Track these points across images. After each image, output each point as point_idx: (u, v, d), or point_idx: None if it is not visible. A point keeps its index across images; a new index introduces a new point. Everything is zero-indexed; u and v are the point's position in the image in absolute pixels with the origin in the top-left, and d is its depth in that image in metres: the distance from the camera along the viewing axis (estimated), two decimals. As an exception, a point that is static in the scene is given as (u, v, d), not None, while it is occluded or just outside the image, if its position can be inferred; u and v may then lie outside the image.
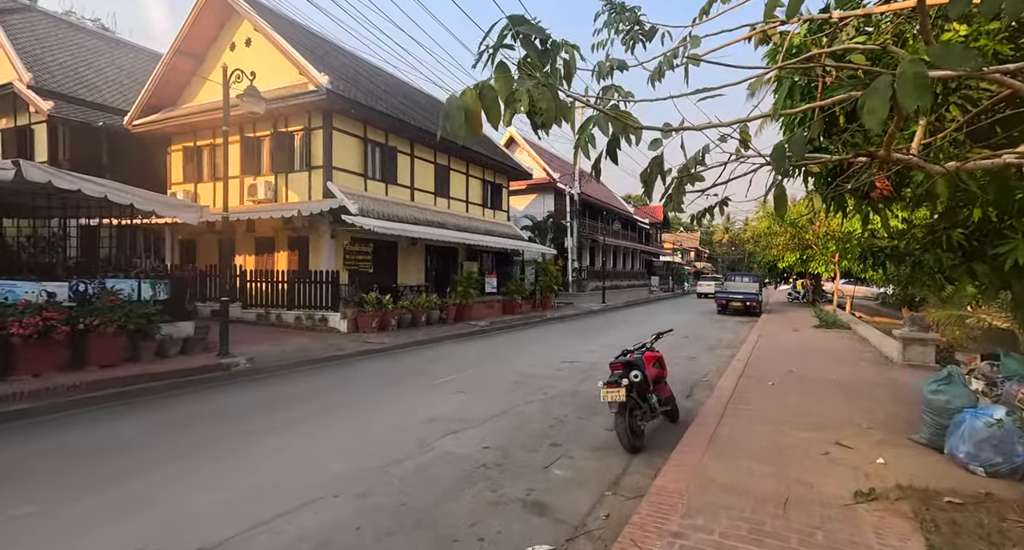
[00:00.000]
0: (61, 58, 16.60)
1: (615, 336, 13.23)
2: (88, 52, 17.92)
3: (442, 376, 7.57)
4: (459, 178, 19.47)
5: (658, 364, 5.23)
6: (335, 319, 11.93)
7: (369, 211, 13.64)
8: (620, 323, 17.46)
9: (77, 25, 20.11)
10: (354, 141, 14.20)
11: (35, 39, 16.41)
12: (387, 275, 15.38)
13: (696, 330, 15.35)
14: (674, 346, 11.61)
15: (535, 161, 30.15)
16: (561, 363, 8.89)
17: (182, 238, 15.65)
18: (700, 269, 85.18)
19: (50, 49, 16.56)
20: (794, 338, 12.59)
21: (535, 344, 11.65)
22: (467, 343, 11.75)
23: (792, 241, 14.88)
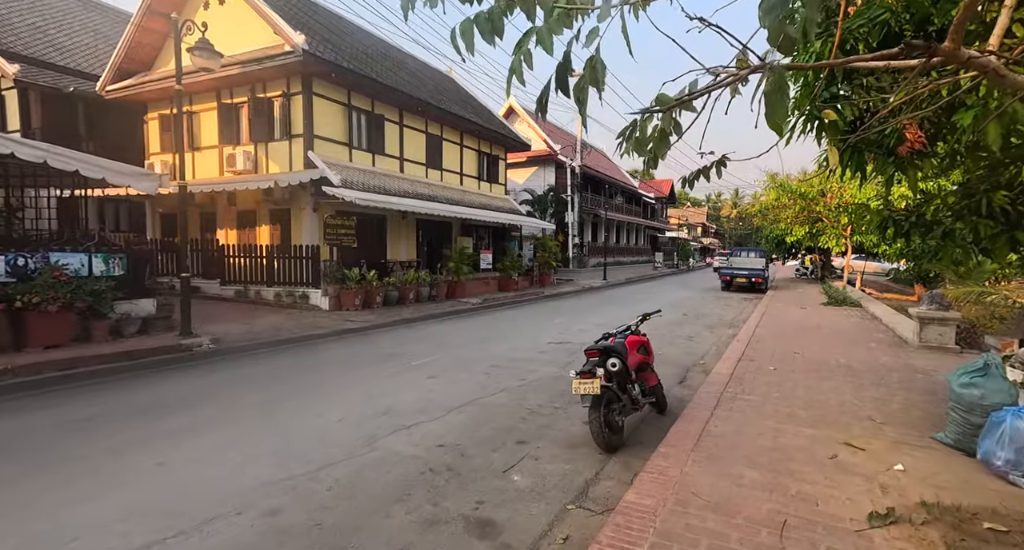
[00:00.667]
0: (30, 19, 15.70)
1: (611, 314, 12.63)
2: (60, 13, 16.96)
3: (418, 358, 7.01)
4: (453, 149, 18.58)
5: (643, 349, 4.61)
6: (316, 296, 11.38)
7: (353, 182, 12.92)
8: (619, 301, 16.83)
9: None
10: (337, 108, 13.35)
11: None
12: (375, 251, 14.75)
13: (698, 307, 14.70)
14: (673, 324, 11.00)
15: (535, 132, 29.04)
16: (548, 344, 8.30)
17: (163, 212, 15.05)
18: (707, 245, 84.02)
19: (18, 9, 15.65)
20: (801, 316, 11.90)
21: (526, 323, 11.07)
22: (454, 322, 11.19)
23: (801, 214, 13.98)
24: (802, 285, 23.37)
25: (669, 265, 46.02)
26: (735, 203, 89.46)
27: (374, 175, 14.33)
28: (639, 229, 41.28)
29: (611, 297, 18.15)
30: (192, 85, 13.23)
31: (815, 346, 7.88)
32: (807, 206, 13.72)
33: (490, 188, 21.07)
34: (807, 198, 13.53)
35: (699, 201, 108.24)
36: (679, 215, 79.24)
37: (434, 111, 16.25)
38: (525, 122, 29.50)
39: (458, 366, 6.57)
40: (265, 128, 12.80)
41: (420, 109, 15.70)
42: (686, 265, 47.97)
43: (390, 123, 15.24)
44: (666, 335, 9.62)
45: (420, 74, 18.04)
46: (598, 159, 34.19)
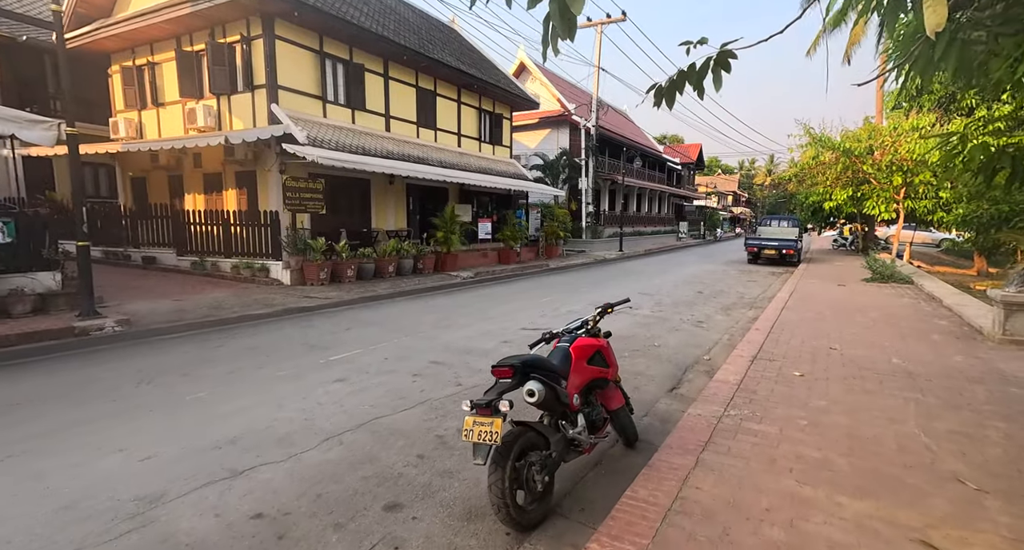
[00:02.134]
0: (-13, -34, 14.42)
1: (613, 290, 11.06)
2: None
3: (346, 349, 5.68)
4: (449, 106, 16.83)
5: (598, 358, 3.09)
6: (277, 269, 10.18)
7: (325, 141, 11.47)
8: (628, 274, 15.17)
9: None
10: (307, 55, 11.78)
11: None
12: (358, 218, 13.43)
13: (716, 283, 12.94)
14: (683, 304, 9.38)
15: (549, 92, 26.77)
16: (520, 330, 6.86)
17: (132, 175, 13.98)
18: (738, 214, 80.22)
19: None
20: (839, 296, 10.08)
21: (510, 301, 9.63)
22: (430, 299, 9.84)
23: (844, 174, 11.82)
24: (840, 258, 21.08)
25: (695, 236, 43.51)
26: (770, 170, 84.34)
27: (353, 133, 12.83)
28: (662, 197, 38.78)
29: (621, 270, 16.48)
30: (148, 31, 11.87)
31: (858, 338, 6.20)
32: (851, 165, 11.56)
33: (492, 151, 19.32)
34: (852, 155, 11.37)
35: (731, 168, 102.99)
36: (708, 183, 75.39)
37: (424, 62, 14.48)
38: (538, 80, 27.22)
39: (389, 362, 5.20)
40: (227, 79, 11.36)
41: (406, 58, 13.96)
42: (713, 235, 45.36)
43: (372, 75, 13.59)
44: (671, 319, 8.04)
45: (412, 21, 16.15)
46: (617, 120, 31.66)
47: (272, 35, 10.89)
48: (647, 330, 7.14)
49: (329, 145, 11.51)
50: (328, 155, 10.34)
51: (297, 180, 10.15)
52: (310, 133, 11.26)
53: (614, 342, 3.67)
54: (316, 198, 10.56)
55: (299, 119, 11.44)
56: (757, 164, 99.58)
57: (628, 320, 7.79)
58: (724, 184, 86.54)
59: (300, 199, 10.18)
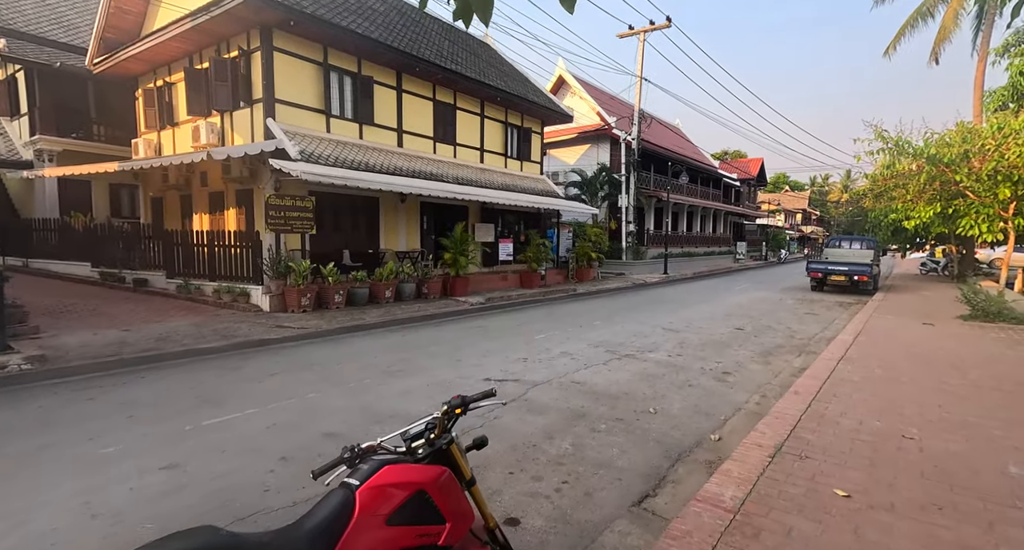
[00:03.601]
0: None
1: (638, 322, 9.39)
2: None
3: (238, 407, 4.37)
4: (470, 120, 15.96)
5: (420, 509, 1.65)
6: (257, 294, 9.43)
7: (324, 156, 10.81)
8: (662, 303, 13.32)
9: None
10: (309, 68, 11.27)
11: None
12: (363, 238, 12.66)
13: (765, 316, 10.88)
14: (712, 344, 7.60)
15: (589, 106, 25.50)
16: (482, 381, 5.47)
17: (153, 195, 14.06)
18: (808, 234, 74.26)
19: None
20: (922, 340, 7.88)
21: (500, 336, 8.27)
22: (412, 332, 8.68)
23: (930, 186, 9.47)
24: (929, 285, 17.92)
25: (755, 257, 40.02)
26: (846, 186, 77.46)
27: (359, 149, 12.15)
28: (717, 215, 35.98)
29: (656, 298, 14.63)
30: (162, 50, 11.87)
31: (949, 418, 4.29)
32: (939, 175, 9.25)
33: (520, 167, 18.22)
34: (939, 163, 9.10)
35: (801, 184, 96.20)
36: (772, 200, 70.46)
37: (440, 73, 13.70)
38: (577, 95, 26.03)
39: (271, 433, 3.89)
40: (228, 95, 11.03)
41: (419, 70, 13.22)
42: (777, 257, 41.56)
43: (383, 88, 12.94)
44: (688, 367, 6.35)
45: (435, 34, 15.52)
46: (664, 134, 29.73)
47: (270, 46, 10.44)
48: (650, 385, 5.53)
49: (328, 161, 10.83)
50: (316, 171, 9.58)
51: (283, 198, 9.44)
52: (307, 148, 10.64)
53: (597, 406, 2.36)
54: (305, 217, 9.80)
55: (298, 134, 10.88)
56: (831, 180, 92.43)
57: (632, 369, 6.20)
58: (792, 201, 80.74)
59: (286, 218, 9.44)
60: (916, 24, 20.84)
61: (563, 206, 17.79)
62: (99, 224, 12.29)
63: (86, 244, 11.85)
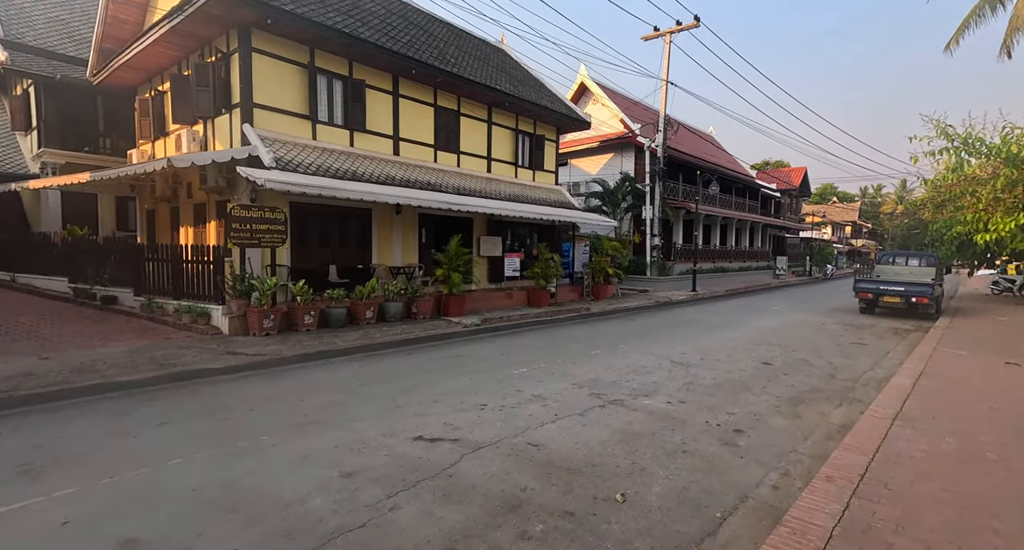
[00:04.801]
0: (56, 12, 15.56)
1: (645, 352, 7.98)
2: (92, 5, 16.81)
3: (44, 488, 3.43)
4: (476, 127, 15.01)
5: None
6: (217, 315, 8.60)
7: (306, 164, 10.04)
8: (680, 326, 11.78)
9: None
10: (293, 71, 10.57)
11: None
12: (353, 252, 11.79)
13: (801, 345, 9.22)
14: (729, 386, 6.13)
15: (612, 113, 24.22)
16: (407, 441, 4.27)
17: (148, 208, 13.72)
18: (859, 248, 69.73)
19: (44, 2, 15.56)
20: (1008, 388, 6.17)
21: (472, 371, 7.06)
22: (376, 362, 7.61)
23: (1010, 193, 7.65)
24: (1004, 308, 15.51)
25: (798, 273, 37.22)
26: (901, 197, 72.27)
27: (349, 157, 11.34)
28: (755, 228, 33.66)
29: (676, 320, 13.07)
30: (149, 57, 11.49)
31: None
32: (1022, 180, 7.49)
33: (533, 176, 17.11)
34: (1021, 165, 7.34)
35: (850, 195, 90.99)
36: (819, 211, 66.54)
37: (440, 77, 12.83)
38: (599, 102, 24.81)
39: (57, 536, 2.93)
40: (210, 100, 10.46)
41: (416, 72, 12.38)
42: (822, 273, 38.56)
43: (377, 92, 12.15)
44: (688, 422, 4.98)
45: (440, 37, 14.74)
46: (693, 141, 28.01)
47: (248, 47, 9.79)
48: (629, 451, 4.20)
49: (310, 170, 10.04)
50: (287, 179, 8.75)
51: (249, 209, 8.63)
52: (286, 156, 9.87)
53: (546, 488, 3.09)
54: (276, 230, 8.97)
55: (278, 141, 10.15)
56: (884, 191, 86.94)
57: (614, 424, 4.87)
58: (840, 213, 76.21)
59: (252, 231, 8.62)
60: (983, 13, 18.59)
61: (578, 218, 16.51)
62: (75, 237, 11.91)
63: (64, 259, 11.47)
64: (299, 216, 10.62)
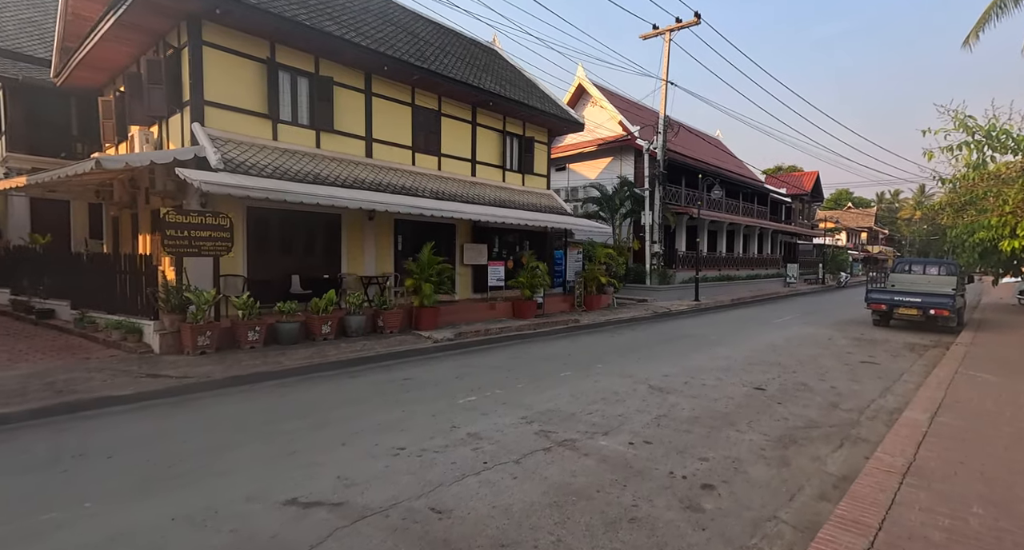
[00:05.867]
0: (28, 14, 15.18)
1: (622, 374, 7.02)
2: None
3: None
4: (459, 128, 14.24)
5: None
6: (148, 331, 7.83)
7: (264, 166, 9.33)
8: (672, 341, 10.79)
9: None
10: (251, 67, 9.89)
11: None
12: (320, 260, 11.04)
13: (802, 366, 8.18)
14: (709, 420, 5.15)
15: (611, 116, 23.35)
16: (276, 509, 3.39)
17: (113, 214, 13.13)
18: (875, 254, 67.73)
19: (15, 5, 15.19)
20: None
21: (425, 398, 6.19)
22: (313, 387, 6.78)
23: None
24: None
25: (810, 281, 35.78)
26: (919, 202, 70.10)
27: (314, 159, 10.61)
28: (764, 234, 32.40)
29: (672, 333, 12.07)
30: (106, 54, 10.90)
31: None
32: (1056, 178, 6.49)
33: (522, 181, 16.27)
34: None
35: (866, 201, 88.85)
36: (833, 217, 64.75)
37: (416, 74, 12.10)
38: (597, 104, 23.96)
39: None
40: (163, 99, 9.80)
41: (388, 69, 11.65)
42: (836, 281, 37.06)
43: (347, 90, 11.44)
44: (648, 471, 4.06)
45: (422, 35, 14.02)
46: (698, 144, 26.98)
47: (198, 40, 9.12)
48: (558, 518, 3.27)
49: (268, 172, 9.30)
50: (227, 181, 7.99)
51: (186, 215, 7.88)
52: (239, 157, 9.15)
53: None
54: (219, 237, 8.20)
55: (232, 141, 9.45)
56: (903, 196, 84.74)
57: (553, 477, 3.96)
58: (856, 219, 74.27)
59: (191, 239, 7.86)
60: (1004, 4, 17.42)
61: (570, 224, 15.62)
62: (15, 246, 11.29)
63: (5, 269, 10.84)
64: (258, 222, 9.90)
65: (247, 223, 9.70)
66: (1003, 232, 7.62)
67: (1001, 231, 7.61)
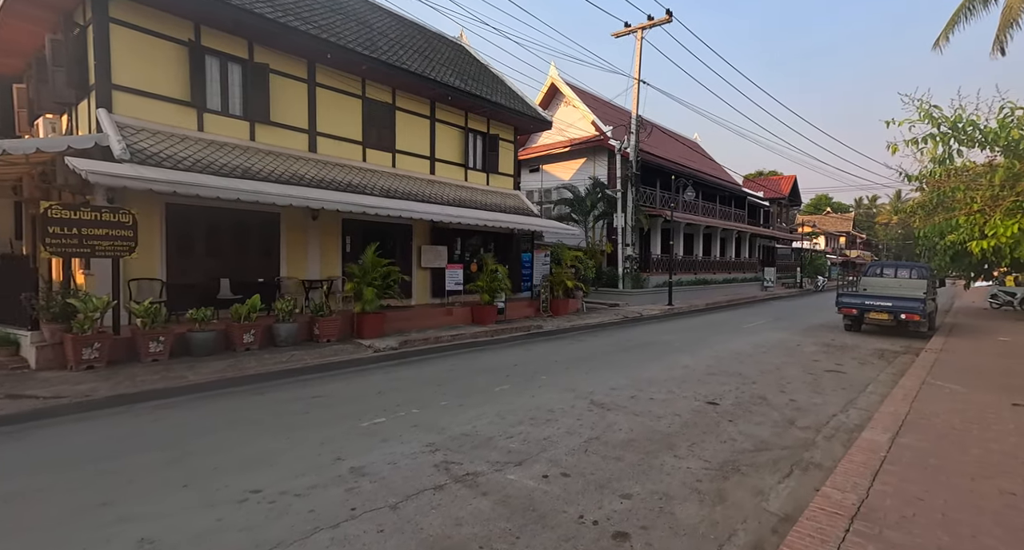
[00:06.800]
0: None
1: (565, 388, 6.29)
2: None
3: None
4: (416, 124, 13.49)
5: None
6: (26, 343, 6.91)
7: (184, 158, 8.48)
8: (631, 350, 10.13)
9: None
10: (171, 49, 9.03)
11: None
12: (255, 263, 10.17)
13: (763, 376, 7.57)
14: (646, 444, 4.42)
15: (584, 115, 22.81)
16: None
17: (32, 212, 12.04)
18: (853, 259, 68.44)
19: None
20: (1019, 450, 4.55)
21: (326, 421, 5.42)
22: (200, 407, 5.96)
23: (1011, 190, 6.12)
24: (1004, 325, 13.92)
25: (789, 285, 35.65)
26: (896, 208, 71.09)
27: (246, 152, 9.76)
28: (742, 238, 32.13)
29: (636, 340, 11.41)
30: (14, 35, 9.94)
31: None
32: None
33: (486, 180, 15.56)
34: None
35: (845, 206, 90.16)
36: (811, 221, 65.31)
37: (367, 64, 11.34)
38: (571, 104, 23.41)
39: None
40: (68, 83, 8.88)
41: (334, 58, 10.88)
42: (814, 284, 37.00)
43: (287, 79, 10.62)
44: (557, 512, 3.35)
45: (375, 26, 13.26)
46: (671, 145, 26.58)
47: (104, 17, 8.24)
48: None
49: (184, 164, 8.43)
50: (122, 172, 7.10)
51: (75, 210, 7.00)
52: (153, 147, 8.28)
53: None
54: (120, 236, 7.33)
55: (148, 130, 8.57)
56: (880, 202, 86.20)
57: (432, 527, 3.22)
58: (835, 224, 75.13)
59: (81, 238, 6.99)
60: (973, 7, 17.27)
61: (535, 225, 14.93)
62: None
63: None
64: (180, 221, 9.02)
65: (166, 221, 8.82)
66: (972, 232, 7.10)
67: (970, 231, 7.08)
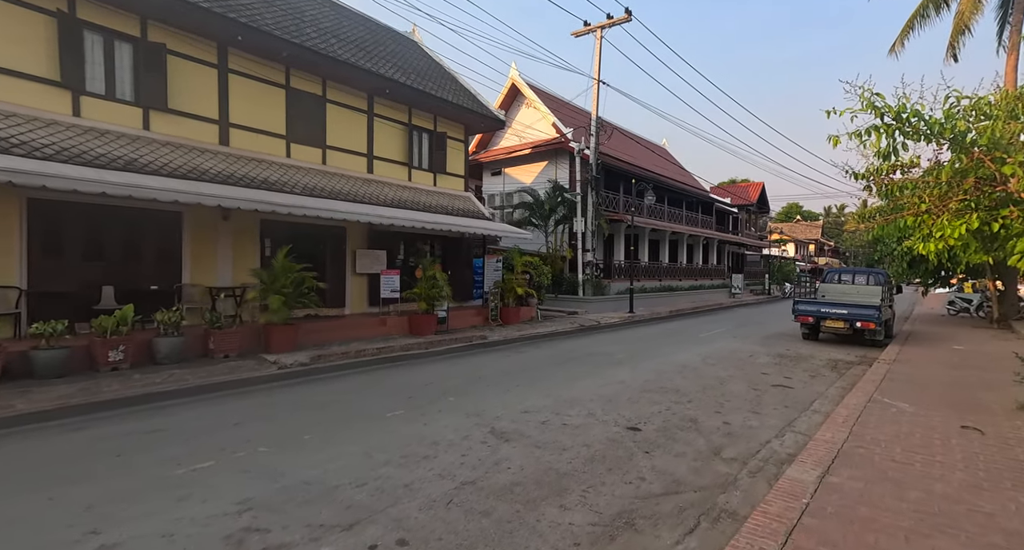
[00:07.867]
0: None
1: (471, 413, 5.37)
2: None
3: None
4: (351, 118, 12.54)
5: None
6: None
7: (45, 147, 7.33)
8: (579, 361, 9.29)
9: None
10: (36, 20, 7.92)
11: None
12: (150, 269, 9.06)
13: (705, 392, 6.79)
14: (525, 489, 3.44)
15: (546, 117, 22.15)
16: None
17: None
18: (822, 266, 69.49)
19: None
20: (967, 486, 3.81)
21: (139, 466, 4.42)
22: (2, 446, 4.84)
23: (959, 187, 5.56)
24: (960, 332, 13.57)
25: (757, 291, 35.56)
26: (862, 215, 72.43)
27: (135, 142, 8.67)
28: (710, 244, 31.87)
29: (582, 351, 10.59)
30: None
31: None
32: (976, 168, 5.41)
33: (433, 180, 14.67)
34: (974, 150, 5.23)
35: (815, 214, 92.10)
36: (782, 229, 66.20)
37: (288, 51, 10.38)
38: (532, 106, 22.75)
39: None
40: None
41: (248, 42, 9.90)
42: (781, 291, 37.03)
43: (190, 63, 9.57)
44: None
45: (307, 13, 12.28)
46: (635, 149, 26.14)
47: (-48, -14, 7.11)
48: None
49: (46, 153, 7.31)
50: None
51: None
52: (10, 133, 7.14)
53: None
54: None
55: (3, 113, 7.43)
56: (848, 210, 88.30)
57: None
58: (805, 231, 76.51)
59: None
60: (927, 14, 17.24)
61: (484, 228, 14.03)
62: None
63: None
64: (47, 219, 7.87)
65: (27, 219, 7.67)
66: (921, 232, 6.49)
67: (920, 232, 6.47)
